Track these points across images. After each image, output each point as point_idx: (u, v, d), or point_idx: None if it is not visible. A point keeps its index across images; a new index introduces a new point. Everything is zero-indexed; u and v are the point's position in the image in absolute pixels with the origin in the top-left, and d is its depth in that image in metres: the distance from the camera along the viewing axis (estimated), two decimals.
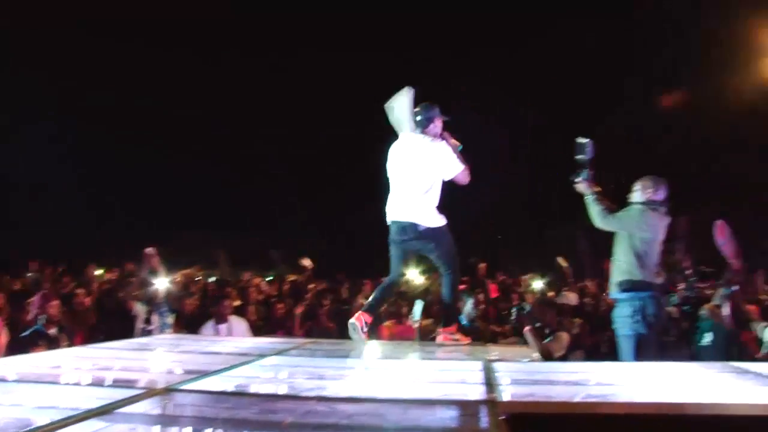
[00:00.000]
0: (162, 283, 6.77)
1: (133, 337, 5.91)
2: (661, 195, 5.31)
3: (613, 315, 5.34)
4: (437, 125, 4.95)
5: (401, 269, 5.10)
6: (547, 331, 6.15)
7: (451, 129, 5.02)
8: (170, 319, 6.71)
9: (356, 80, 18.10)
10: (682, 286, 6.30)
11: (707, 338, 6.01)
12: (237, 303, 7.64)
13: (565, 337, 6.13)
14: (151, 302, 6.61)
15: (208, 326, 6.59)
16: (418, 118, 4.91)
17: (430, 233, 4.76)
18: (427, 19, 18.65)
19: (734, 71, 13.44)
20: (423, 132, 4.90)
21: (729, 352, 5.72)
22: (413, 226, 4.73)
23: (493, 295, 9.27)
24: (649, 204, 5.24)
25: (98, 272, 10.64)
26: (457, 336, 4.92)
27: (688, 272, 6.23)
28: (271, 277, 11.96)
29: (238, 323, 6.68)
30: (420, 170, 4.77)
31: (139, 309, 6.61)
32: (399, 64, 17.07)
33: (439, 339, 4.87)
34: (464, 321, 6.21)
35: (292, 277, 10.03)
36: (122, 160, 18.72)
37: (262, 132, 19.41)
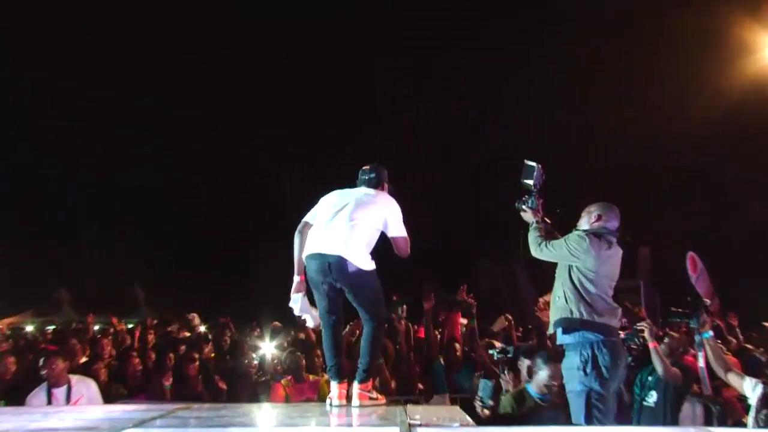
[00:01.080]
0: None
1: None
2: (612, 223, 5.31)
3: (562, 366, 5.26)
4: (386, 189, 5.29)
5: (333, 314, 5.00)
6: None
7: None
8: None
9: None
10: (622, 334, 6.25)
11: (652, 397, 6.09)
12: (83, 359, 7.02)
13: None
14: None
15: (39, 393, 6.03)
16: (371, 176, 5.23)
17: (358, 274, 4.78)
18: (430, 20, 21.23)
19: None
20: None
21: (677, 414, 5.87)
22: (341, 263, 4.73)
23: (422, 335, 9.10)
24: (595, 231, 5.23)
25: None
26: (374, 394, 4.90)
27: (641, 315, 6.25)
28: (132, 324, 11.28)
29: (83, 386, 6.14)
30: (365, 214, 4.92)
31: None
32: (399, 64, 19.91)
33: (354, 398, 4.79)
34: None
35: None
36: None
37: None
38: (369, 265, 4.89)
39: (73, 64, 20.32)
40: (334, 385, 4.90)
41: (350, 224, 4.84)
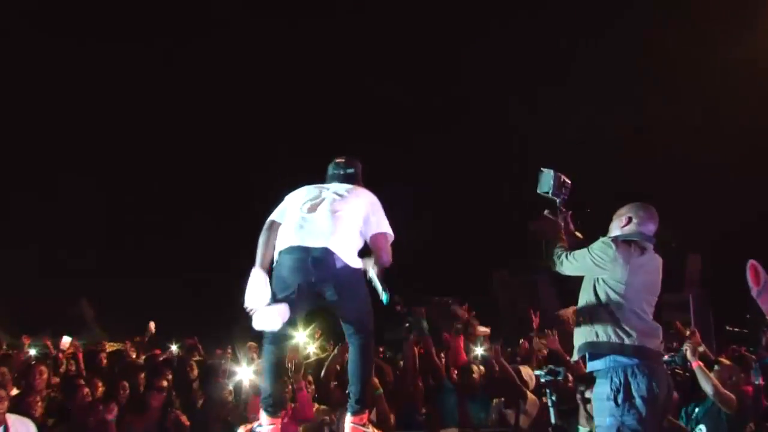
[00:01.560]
0: None
1: None
2: (647, 226, 4.44)
3: (592, 396, 4.45)
4: (362, 185, 4.60)
5: (290, 326, 4.11)
6: None
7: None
8: None
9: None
10: (667, 356, 5.30)
11: (701, 431, 5.24)
12: (15, 392, 5.89)
13: None
14: None
15: None
16: (347, 170, 4.59)
17: (348, 274, 4.04)
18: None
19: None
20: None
21: None
22: (328, 257, 3.97)
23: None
24: (625, 236, 4.37)
25: None
26: (371, 429, 4.35)
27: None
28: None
29: (22, 428, 5.01)
30: (347, 206, 4.22)
31: None
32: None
33: None
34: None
35: (112, 346, 8.28)
36: None
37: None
38: (358, 263, 4.15)
39: (74, 64, 19.97)
40: (264, 418, 4.12)
41: (334, 216, 4.12)
